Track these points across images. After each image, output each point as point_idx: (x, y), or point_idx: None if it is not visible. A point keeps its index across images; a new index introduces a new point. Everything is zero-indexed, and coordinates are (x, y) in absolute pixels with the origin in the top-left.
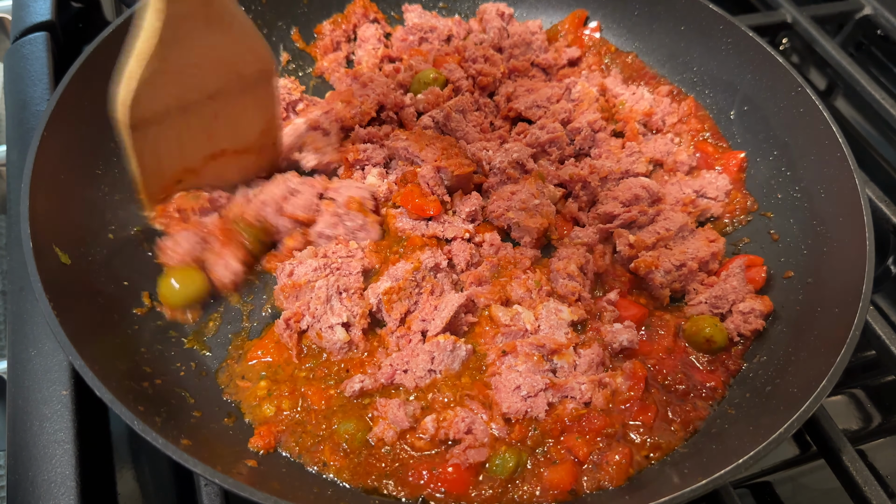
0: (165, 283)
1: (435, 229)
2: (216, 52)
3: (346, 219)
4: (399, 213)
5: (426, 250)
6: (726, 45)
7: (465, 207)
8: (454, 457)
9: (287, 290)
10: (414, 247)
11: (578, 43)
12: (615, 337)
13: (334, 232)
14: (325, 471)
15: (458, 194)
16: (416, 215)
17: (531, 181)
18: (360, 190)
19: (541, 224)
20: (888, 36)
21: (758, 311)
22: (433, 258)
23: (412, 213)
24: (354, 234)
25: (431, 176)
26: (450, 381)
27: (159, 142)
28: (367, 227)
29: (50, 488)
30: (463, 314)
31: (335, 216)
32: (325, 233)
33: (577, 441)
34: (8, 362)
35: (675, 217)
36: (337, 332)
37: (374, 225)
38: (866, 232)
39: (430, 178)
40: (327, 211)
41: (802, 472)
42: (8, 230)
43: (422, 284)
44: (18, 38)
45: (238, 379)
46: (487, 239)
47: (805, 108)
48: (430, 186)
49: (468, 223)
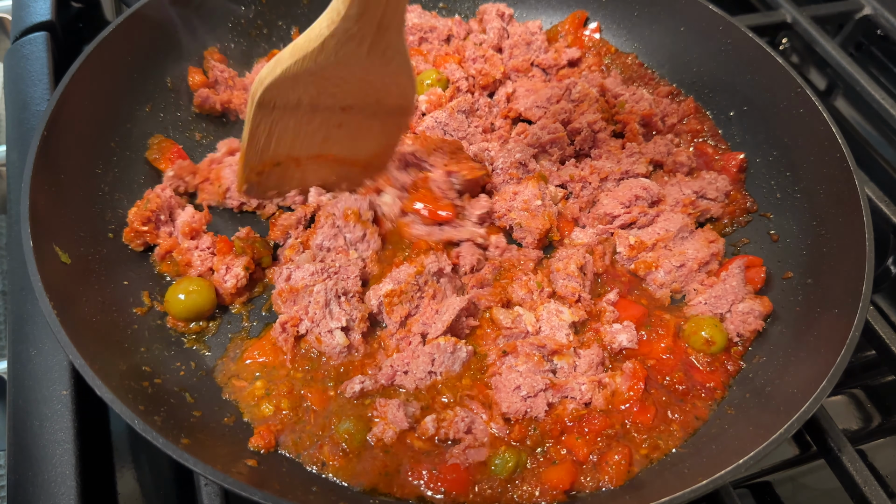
0: (172, 295)
1: (450, 233)
2: (367, 76)
3: (346, 230)
4: (412, 221)
5: (430, 254)
6: (726, 46)
7: (476, 210)
8: (454, 456)
9: (284, 295)
10: (419, 250)
11: (578, 43)
12: (614, 337)
13: (334, 244)
14: (324, 471)
15: (466, 197)
16: (430, 220)
17: (533, 182)
18: (358, 201)
19: (543, 225)
20: (888, 36)
21: (757, 312)
22: (437, 263)
23: (428, 217)
24: (355, 246)
25: (443, 181)
26: (450, 383)
27: (278, 126)
28: (367, 239)
29: (50, 488)
30: (464, 317)
31: (334, 227)
32: (324, 245)
33: (577, 441)
34: (8, 362)
35: (675, 218)
36: (336, 336)
37: (374, 235)
38: (866, 232)
39: (442, 182)
40: (326, 223)
41: (802, 472)
42: (8, 230)
43: (423, 289)
44: (18, 38)
45: (234, 378)
46: (493, 241)
47: (805, 108)
48: (442, 191)
49: (479, 226)
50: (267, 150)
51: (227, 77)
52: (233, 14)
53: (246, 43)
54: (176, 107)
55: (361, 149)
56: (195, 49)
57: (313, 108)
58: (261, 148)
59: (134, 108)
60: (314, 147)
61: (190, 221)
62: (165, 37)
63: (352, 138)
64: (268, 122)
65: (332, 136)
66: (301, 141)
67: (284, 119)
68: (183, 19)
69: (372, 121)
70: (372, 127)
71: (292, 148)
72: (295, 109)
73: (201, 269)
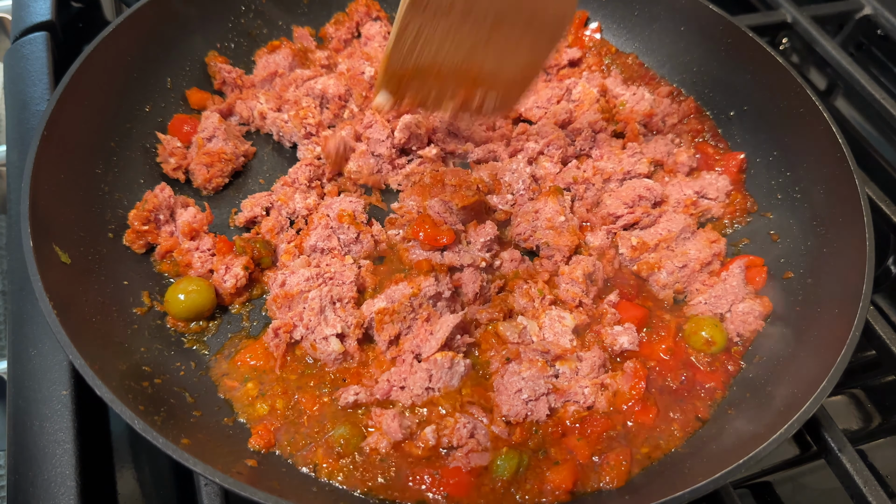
0: (172, 295)
1: (451, 259)
2: None
3: (339, 232)
4: (412, 246)
5: (430, 277)
6: (726, 46)
7: (480, 237)
8: (456, 460)
9: (279, 301)
10: (420, 270)
11: (579, 44)
12: (616, 339)
13: (328, 244)
14: (318, 474)
15: (473, 224)
16: (429, 246)
17: (552, 198)
18: (353, 203)
19: (571, 242)
20: (888, 36)
21: (757, 312)
22: (435, 287)
23: (425, 243)
24: (349, 248)
25: (441, 206)
26: (449, 397)
27: (426, 29)
28: (360, 240)
29: (50, 488)
30: (459, 335)
31: (328, 228)
32: (318, 246)
33: (579, 442)
34: (8, 362)
35: (677, 219)
36: (331, 342)
37: (367, 237)
38: (866, 232)
39: (440, 208)
40: (320, 223)
41: (802, 472)
42: (8, 230)
43: (417, 311)
44: (18, 38)
45: (225, 377)
46: (506, 257)
47: (805, 108)
48: (441, 215)
49: (485, 252)
50: (411, 54)
51: (235, 77)
52: (233, 13)
53: (246, 42)
54: (176, 107)
55: (506, 65)
56: (195, 49)
57: (465, 14)
58: (405, 51)
59: (134, 108)
60: (459, 58)
61: (191, 221)
62: (165, 37)
63: (499, 53)
64: (417, 24)
65: (479, 51)
66: (447, 49)
67: (434, 22)
68: (183, 19)
69: (523, 34)
70: (522, 40)
71: (437, 55)
72: (447, 14)
73: (201, 271)
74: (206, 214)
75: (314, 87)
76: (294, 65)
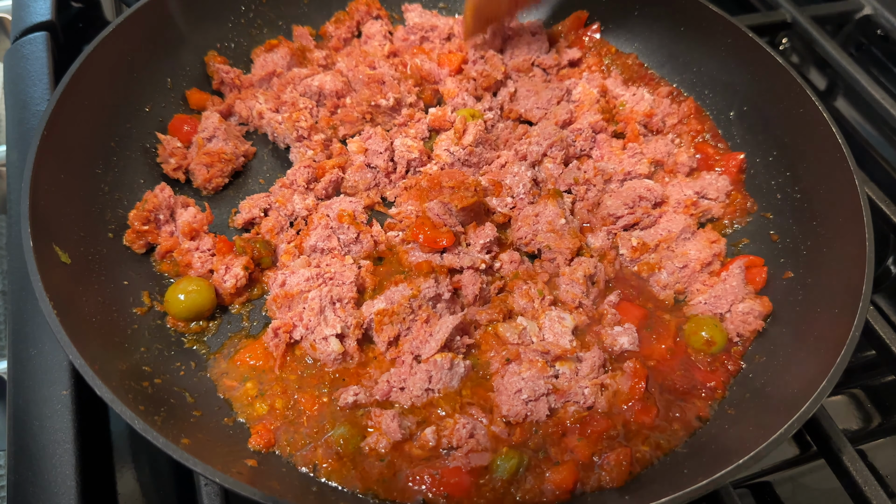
0: (172, 295)
1: (451, 261)
2: None
3: (339, 232)
4: (412, 248)
5: (430, 279)
6: (726, 46)
7: (480, 239)
8: (455, 460)
9: (279, 301)
10: (420, 271)
11: (579, 44)
12: (615, 340)
13: (328, 245)
14: (318, 474)
15: (472, 226)
16: (428, 248)
17: (552, 200)
18: (353, 204)
19: (573, 245)
20: (888, 36)
21: (757, 312)
22: (434, 288)
23: (424, 245)
24: (349, 248)
25: (440, 208)
26: (449, 398)
27: None
28: (360, 240)
29: (50, 488)
30: (458, 336)
31: (328, 228)
32: (318, 246)
33: (579, 443)
34: (8, 362)
35: (678, 219)
36: (331, 343)
37: (367, 237)
38: (866, 232)
39: (439, 210)
40: (320, 223)
41: (802, 472)
42: (8, 230)
43: (417, 312)
44: (18, 38)
45: (224, 377)
46: (506, 258)
47: (805, 108)
48: (440, 217)
49: (484, 254)
50: None
51: (233, 77)
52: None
53: (246, 42)
54: (176, 107)
55: None
56: (195, 49)
57: None
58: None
59: (134, 109)
60: None
61: (191, 221)
62: (165, 37)
63: None
64: None
65: None
66: None
67: None
68: (183, 19)
69: None
70: None
71: None
72: None
73: (201, 271)
74: (207, 214)
75: (311, 85)
76: (292, 64)
